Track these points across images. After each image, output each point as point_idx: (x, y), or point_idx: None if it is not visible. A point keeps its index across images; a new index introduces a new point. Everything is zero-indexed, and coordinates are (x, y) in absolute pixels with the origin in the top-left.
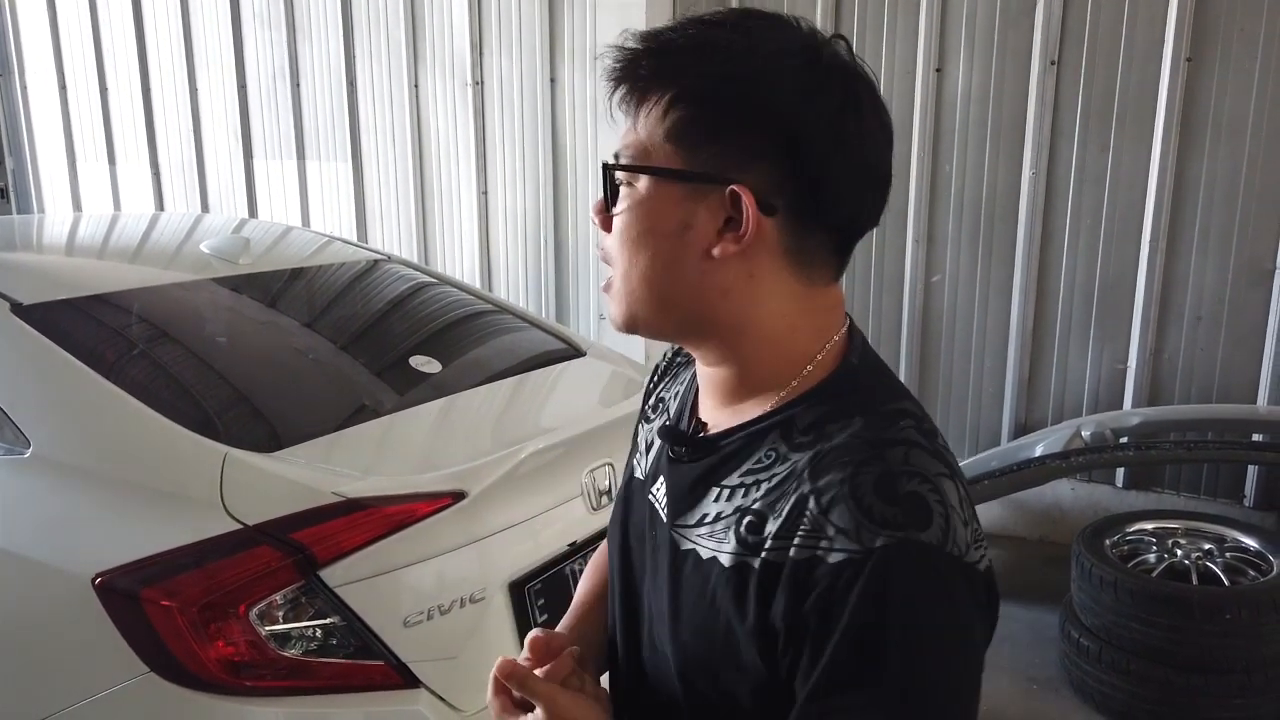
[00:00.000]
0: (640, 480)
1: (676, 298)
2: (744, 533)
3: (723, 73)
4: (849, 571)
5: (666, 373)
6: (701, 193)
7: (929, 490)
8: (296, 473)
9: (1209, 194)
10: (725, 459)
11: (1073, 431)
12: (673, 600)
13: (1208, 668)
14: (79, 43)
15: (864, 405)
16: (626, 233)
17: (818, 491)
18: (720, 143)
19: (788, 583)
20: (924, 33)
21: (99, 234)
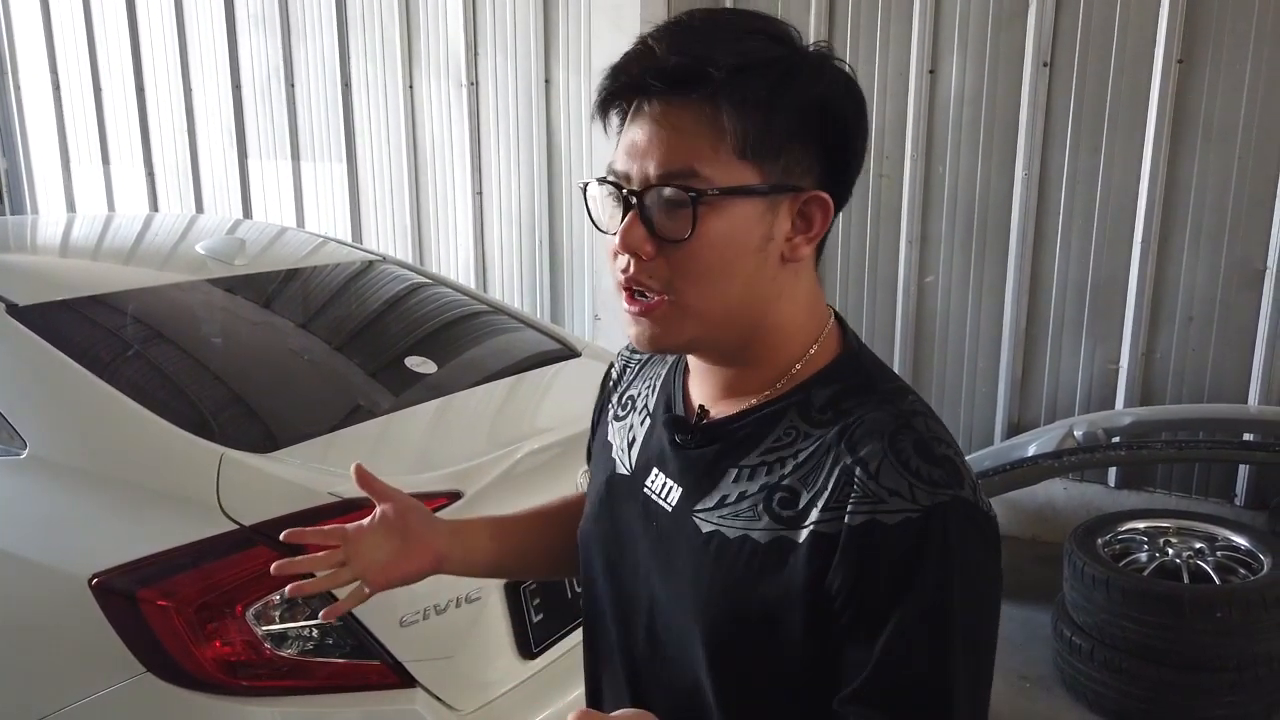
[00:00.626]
0: (625, 476)
1: (745, 311)
2: (777, 508)
3: (788, 82)
4: (913, 529)
5: (625, 374)
6: (777, 202)
7: (954, 454)
8: (293, 473)
9: (1200, 195)
10: (740, 441)
11: (1065, 431)
12: (697, 584)
13: (1199, 666)
14: (73, 43)
15: (872, 384)
16: (704, 258)
17: (862, 461)
18: (788, 150)
19: (848, 548)
20: (917, 34)
21: (94, 235)
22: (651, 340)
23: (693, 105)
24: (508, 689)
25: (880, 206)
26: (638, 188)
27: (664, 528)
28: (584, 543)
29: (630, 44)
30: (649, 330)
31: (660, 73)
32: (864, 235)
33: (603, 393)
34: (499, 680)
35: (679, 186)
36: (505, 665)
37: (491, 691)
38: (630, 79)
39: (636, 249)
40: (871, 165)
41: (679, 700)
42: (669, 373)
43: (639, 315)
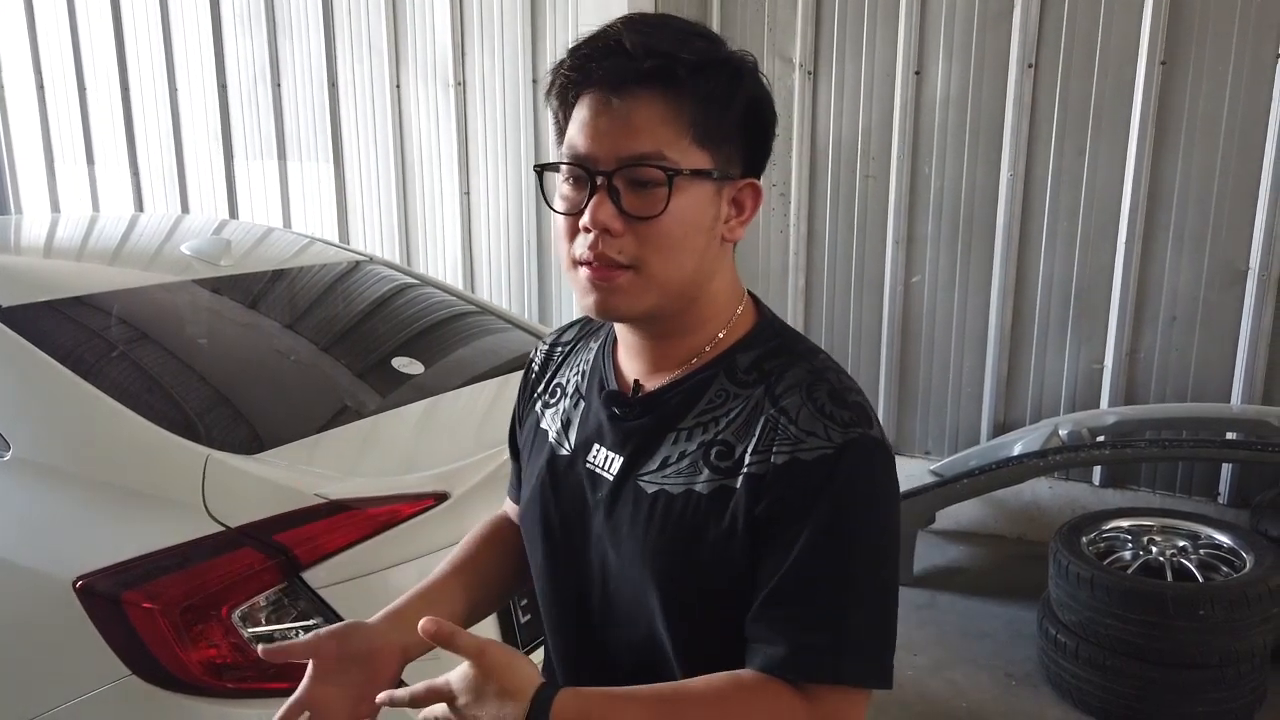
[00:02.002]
0: (566, 455)
1: (693, 285)
2: (715, 460)
3: (733, 78)
4: (826, 463)
5: (549, 364)
6: (722, 187)
7: (863, 400)
8: (279, 474)
9: (1183, 195)
10: (676, 408)
11: (1050, 431)
12: (648, 542)
13: (1183, 663)
14: (57, 43)
15: (788, 346)
16: (672, 233)
17: (784, 411)
18: (733, 143)
19: (773, 483)
20: (903, 35)
21: (78, 235)
22: (612, 309)
23: (660, 97)
24: None
25: (867, 207)
26: (607, 168)
27: (608, 496)
28: (528, 526)
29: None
30: (610, 300)
31: (634, 69)
32: (850, 236)
33: (525, 384)
34: None
35: (656, 166)
36: None
37: None
38: (605, 73)
39: (607, 224)
40: (858, 166)
41: (639, 656)
42: (597, 356)
43: (602, 285)
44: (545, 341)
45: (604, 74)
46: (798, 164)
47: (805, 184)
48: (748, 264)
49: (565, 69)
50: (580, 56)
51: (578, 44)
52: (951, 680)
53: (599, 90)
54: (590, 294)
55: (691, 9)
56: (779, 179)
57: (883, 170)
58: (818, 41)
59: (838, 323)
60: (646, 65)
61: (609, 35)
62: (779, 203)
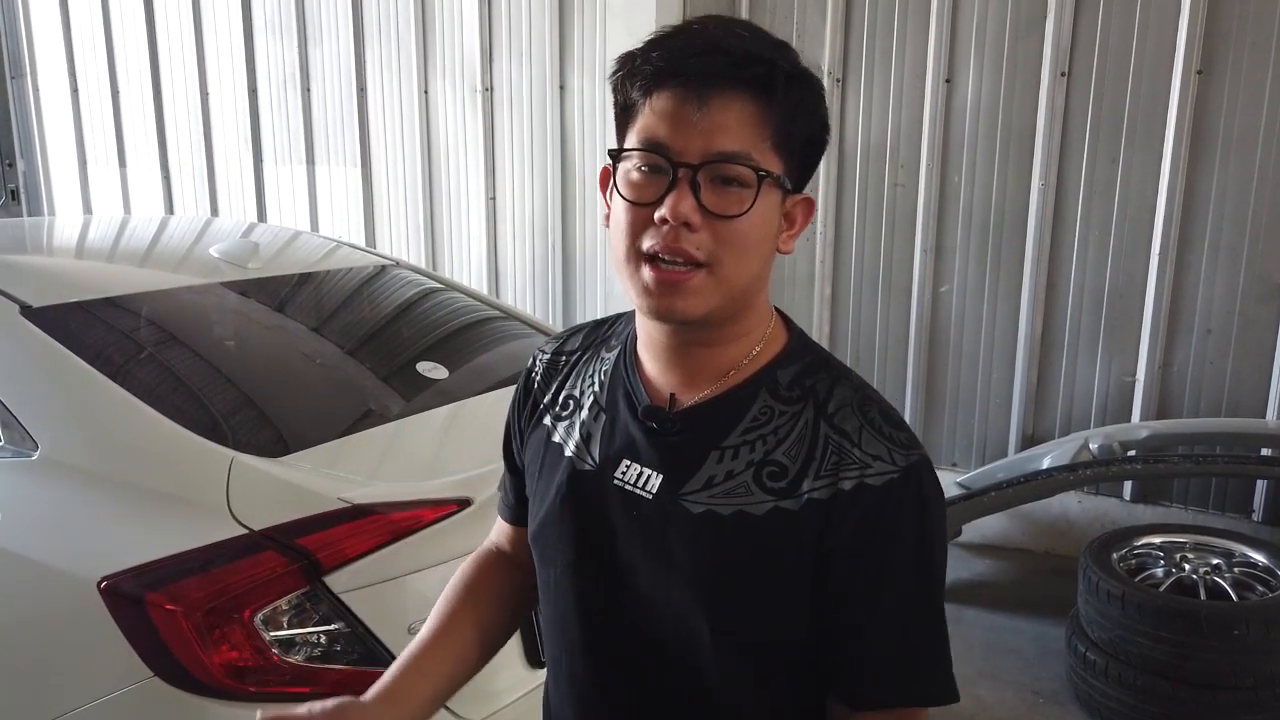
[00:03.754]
0: (590, 471)
1: (751, 292)
2: (768, 481)
3: (807, 91)
4: (892, 490)
5: (553, 374)
6: (786, 196)
7: (903, 419)
8: (302, 478)
9: (1219, 207)
10: (718, 423)
11: (1080, 444)
12: (696, 565)
13: (1215, 683)
14: (91, 45)
15: (824, 363)
16: (750, 234)
17: (844, 434)
18: (798, 154)
19: (844, 508)
20: (934, 42)
21: (108, 237)
22: (677, 312)
23: (754, 100)
24: (515, 698)
25: (895, 215)
26: (693, 161)
27: (646, 515)
28: (548, 543)
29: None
30: (678, 302)
31: (733, 70)
32: (879, 244)
33: (525, 395)
34: (507, 689)
35: (747, 165)
36: (513, 674)
37: (499, 700)
38: (702, 67)
39: (688, 217)
40: (887, 173)
41: (678, 680)
42: (617, 367)
43: (668, 284)
44: (545, 350)
45: (700, 69)
46: (826, 171)
47: (833, 191)
48: (774, 271)
49: (654, 59)
50: (670, 49)
51: (662, 36)
52: (977, 697)
53: (691, 84)
54: (653, 294)
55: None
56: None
57: (912, 178)
58: (847, 49)
59: (864, 331)
60: (750, 69)
61: (703, 34)
62: None
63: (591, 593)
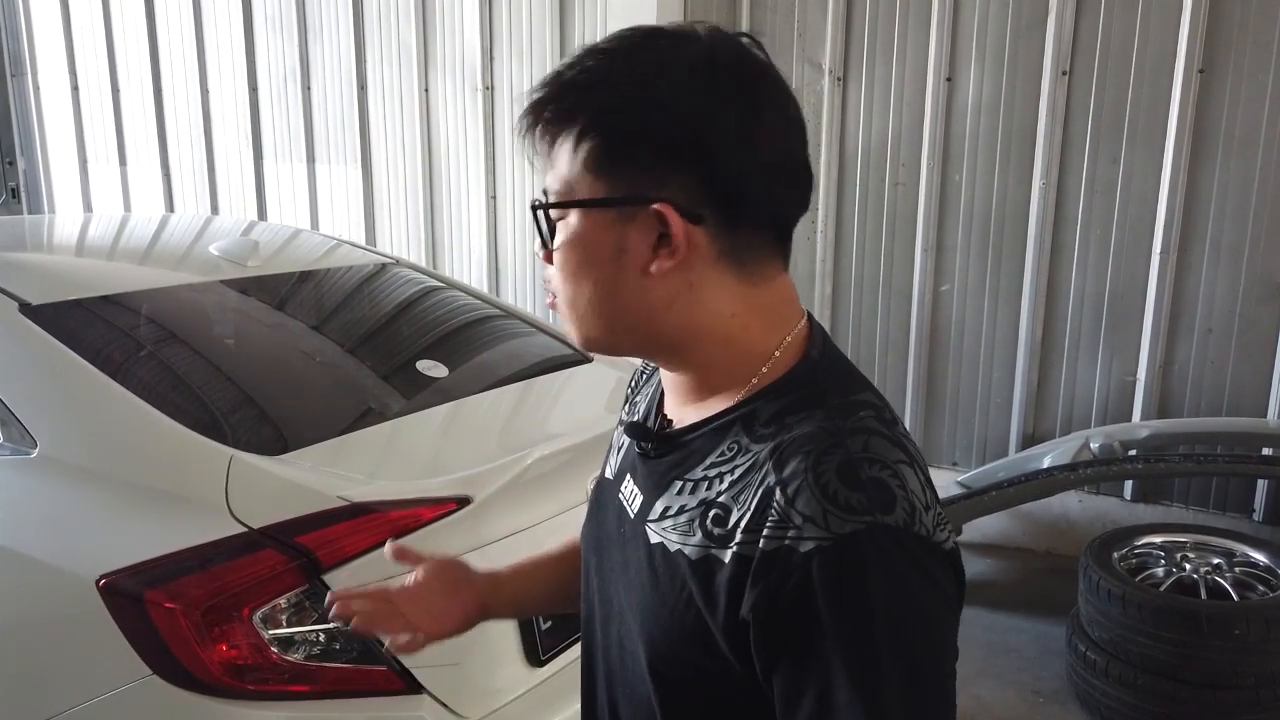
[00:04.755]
0: (609, 480)
1: (623, 318)
2: (710, 525)
3: (622, 99)
4: (819, 559)
5: (639, 380)
6: (628, 215)
7: (889, 476)
8: (302, 476)
9: (1220, 206)
10: (690, 453)
11: (1081, 443)
12: (643, 594)
13: (1216, 683)
14: (91, 43)
15: (824, 397)
16: (566, 265)
17: (783, 483)
18: (634, 165)
19: (758, 574)
20: (935, 41)
21: (108, 235)
22: (572, 340)
23: (555, 128)
24: (515, 696)
25: (896, 214)
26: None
27: (626, 533)
28: (582, 540)
29: None
30: (566, 330)
31: (538, 103)
32: (879, 243)
33: (628, 394)
34: (507, 688)
35: (538, 203)
36: (513, 672)
37: (499, 699)
38: (521, 121)
39: (540, 252)
40: (888, 173)
41: (638, 710)
42: (659, 381)
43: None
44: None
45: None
46: (826, 170)
47: (833, 191)
48: None
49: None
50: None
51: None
52: (977, 696)
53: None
54: None
55: (720, 15)
56: None
57: (912, 178)
58: (848, 47)
59: (865, 331)
60: (536, 99)
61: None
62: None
63: (600, 599)
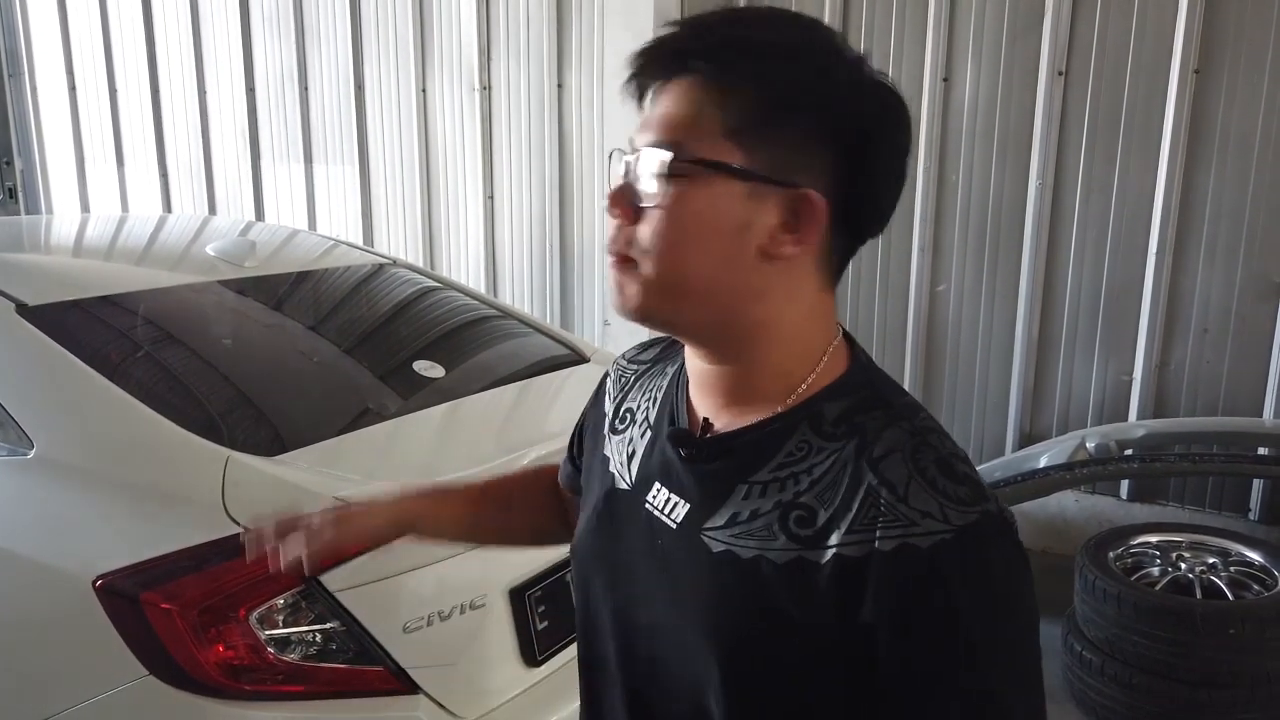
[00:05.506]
0: (625, 491)
1: (715, 295)
2: (794, 527)
3: (798, 71)
4: (945, 552)
5: (623, 386)
6: (763, 192)
7: (971, 469)
8: (298, 476)
9: (1216, 206)
10: (750, 455)
11: (1077, 443)
12: (709, 606)
13: (1211, 682)
14: (89, 44)
15: (883, 399)
16: (676, 227)
17: (888, 483)
18: (788, 142)
19: (880, 576)
20: (931, 41)
21: (106, 235)
22: (624, 306)
23: (693, 83)
24: (511, 696)
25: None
26: (627, 153)
27: (668, 546)
28: (580, 556)
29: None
30: (617, 298)
31: (676, 54)
32: (875, 242)
33: (596, 398)
34: (503, 688)
35: (660, 150)
36: (509, 672)
37: (495, 699)
38: (646, 58)
39: (615, 207)
40: None
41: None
42: (670, 384)
43: (615, 281)
44: (622, 358)
45: (643, 60)
46: None
47: None
48: None
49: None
50: (635, 55)
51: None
52: None
53: (638, 79)
54: (613, 294)
55: None
56: None
57: (909, 177)
58: None
59: (861, 330)
60: (675, 48)
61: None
62: None
63: (615, 615)
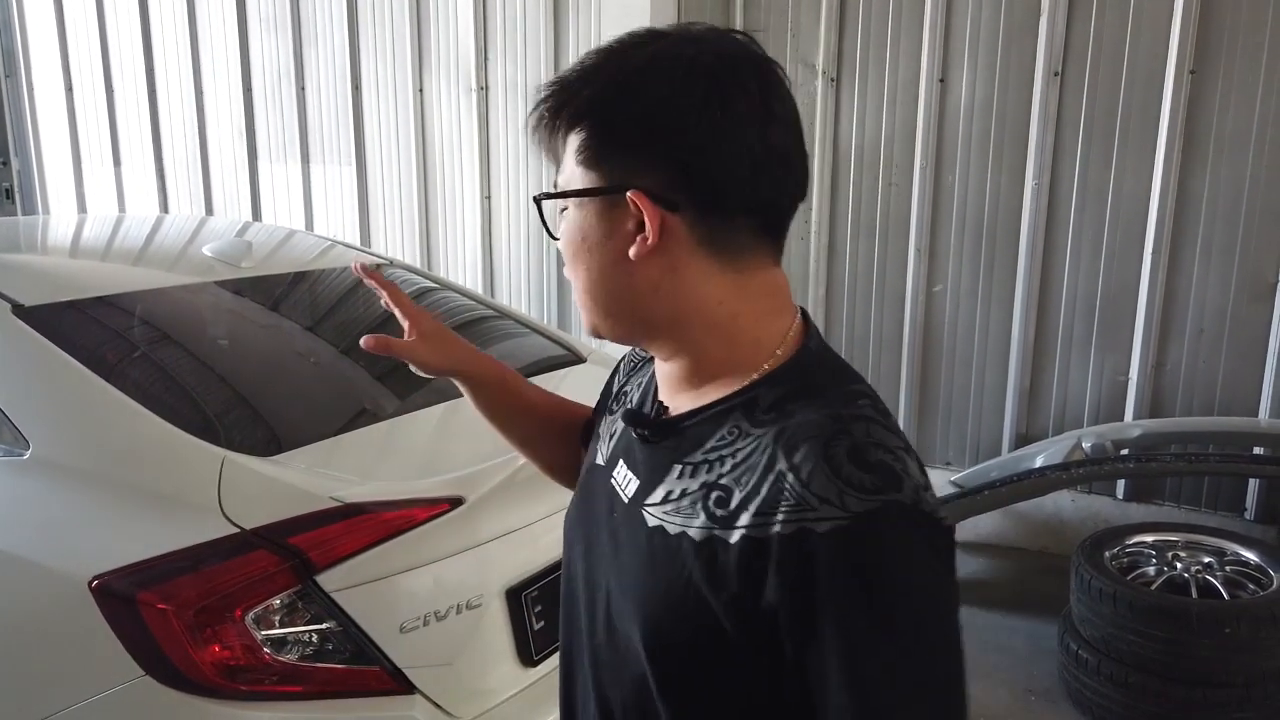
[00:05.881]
0: (600, 466)
1: (616, 301)
2: (712, 507)
3: (603, 94)
4: (839, 538)
5: (628, 370)
6: (612, 203)
7: (893, 460)
8: (294, 477)
9: (1211, 207)
10: (688, 438)
11: (1074, 443)
12: (639, 577)
13: (1207, 681)
14: (85, 44)
15: (823, 386)
16: (567, 253)
17: (795, 468)
18: (614, 157)
19: (780, 559)
20: (928, 43)
21: (102, 236)
22: (585, 326)
23: (555, 126)
24: (508, 696)
25: (889, 216)
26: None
27: (619, 518)
28: (566, 524)
29: None
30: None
31: (538, 114)
32: (872, 244)
33: (610, 381)
34: (499, 687)
35: (536, 195)
36: (505, 672)
37: (491, 699)
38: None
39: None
40: (881, 174)
41: (628, 692)
42: (652, 375)
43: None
44: (631, 351)
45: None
46: (819, 171)
47: (827, 192)
48: None
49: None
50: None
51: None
52: (969, 695)
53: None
54: None
55: (714, 14)
56: None
57: (905, 179)
58: (841, 48)
59: (858, 332)
60: (538, 105)
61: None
62: (800, 210)
63: (587, 581)
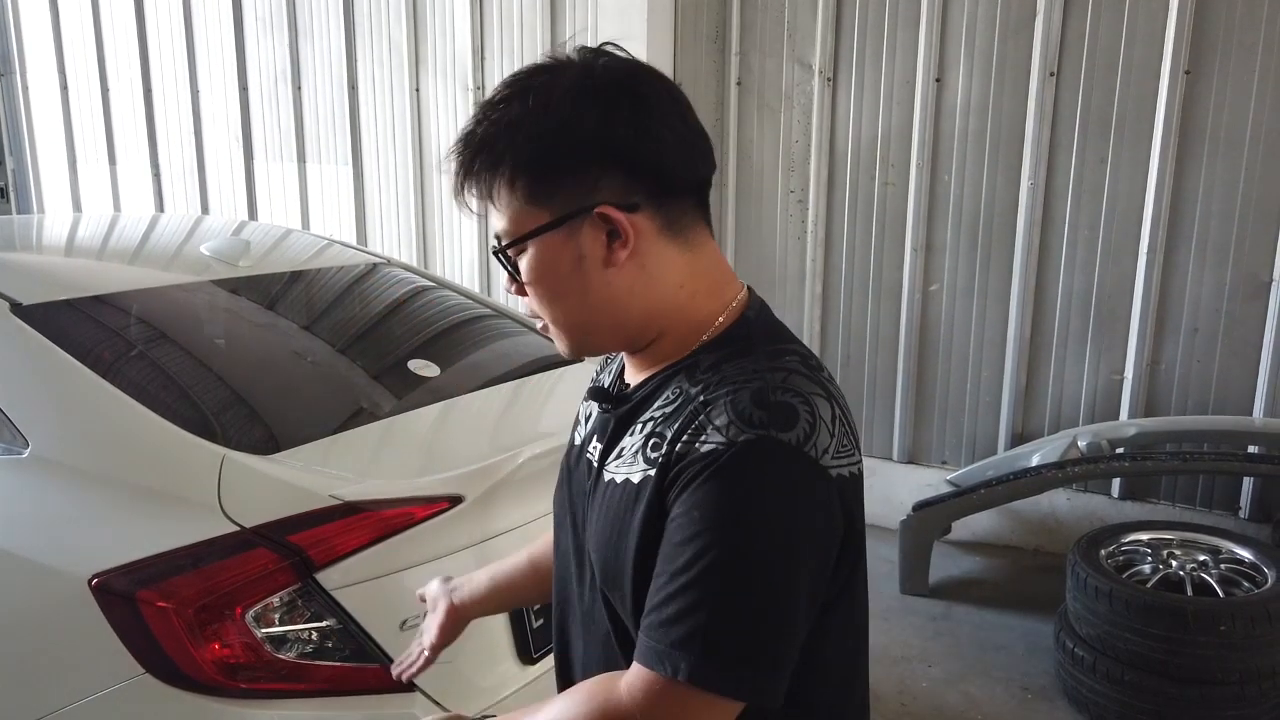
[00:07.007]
0: (577, 446)
1: (599, 317)
2: (650, 452)
3: (532, 135)
4: (711, 457)
5: (605, 361)
6: (575, 228)
7: (800, 402)
8: (294, 475)
9: (1206, 206)
10: (640, 403)
11: (1069, 442)
12: (598, 528)
13: (1202, 679)
14: (80, 42)
15: (753, 347)
16: (540, 291)
17: (706, 405)
18: (563, 185)
19: (673, 473)
20: (924, 43)
21: (99, 235)
22: (563, 354)
23: (486, 180)
24: (508, 694)
25: (885, 214)
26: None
27: (591, 484)
28: (555, 505)
29: (637, 49)
30: (558, 346)
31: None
32: (869, 243)
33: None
34: (499, 685)
35: (495, 247)
36: (505, 670)
37: (491, 696)
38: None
39: (514, 290)
40: (877, 172)
41: (595, 648)
42: (620, 363)
43: (545, 335)
44: None
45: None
46: (816, 170)
47: (823, 190)
48: (765, 270)
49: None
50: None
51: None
52: (967, 693)
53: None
54: None
55: (710, 16)
56: (797, 185)
57: (902, 177)
58: (837, 48)
59: (855, 330)
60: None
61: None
62: (797, 209)
63: (575, 551)
